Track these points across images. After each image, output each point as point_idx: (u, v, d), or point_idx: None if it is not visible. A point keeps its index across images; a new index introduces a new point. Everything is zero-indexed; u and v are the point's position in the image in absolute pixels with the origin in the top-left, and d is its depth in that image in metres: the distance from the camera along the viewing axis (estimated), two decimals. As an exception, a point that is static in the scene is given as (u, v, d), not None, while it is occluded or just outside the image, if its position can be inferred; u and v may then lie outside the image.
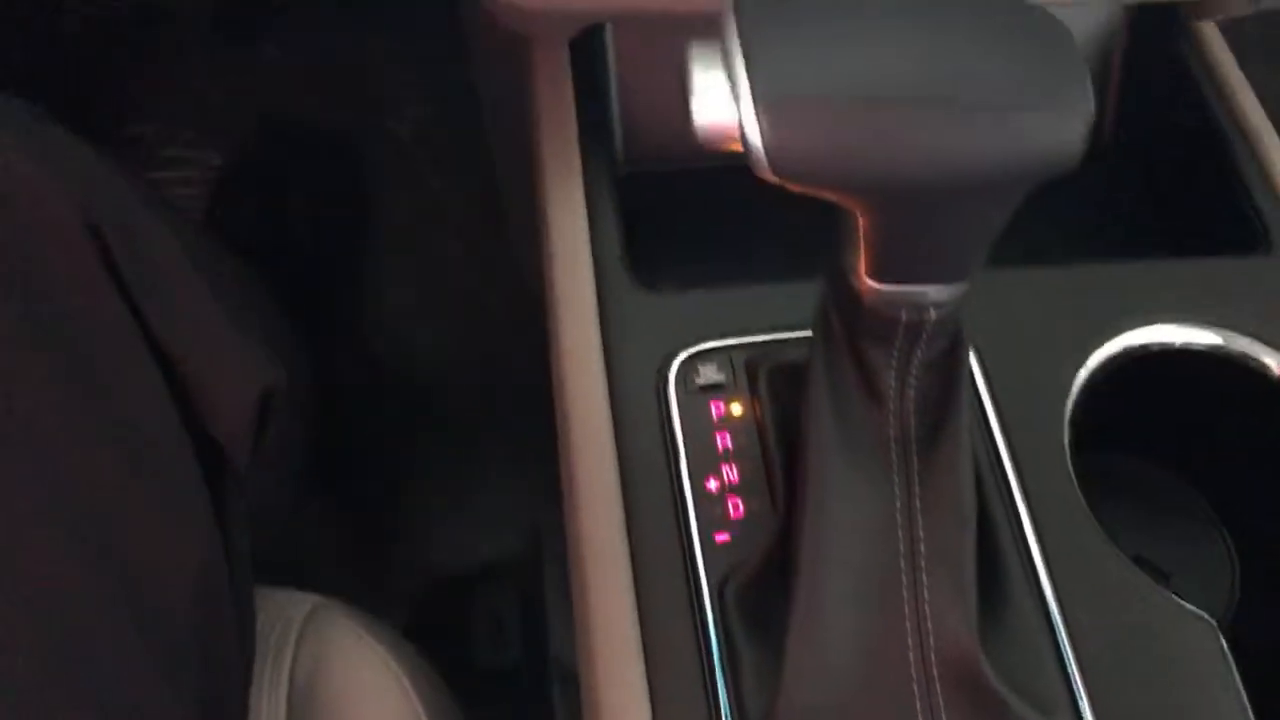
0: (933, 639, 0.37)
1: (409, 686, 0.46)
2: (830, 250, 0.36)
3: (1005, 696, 0.37)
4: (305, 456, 0.67)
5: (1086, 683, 0.39)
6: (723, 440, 0.45)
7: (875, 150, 0.29)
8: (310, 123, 1.17)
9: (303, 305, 0.93)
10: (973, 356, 0.46)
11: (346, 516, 1.02)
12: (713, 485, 0.44)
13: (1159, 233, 0.56)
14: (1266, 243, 0.50)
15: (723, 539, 0.43)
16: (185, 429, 0.41)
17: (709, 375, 0.47)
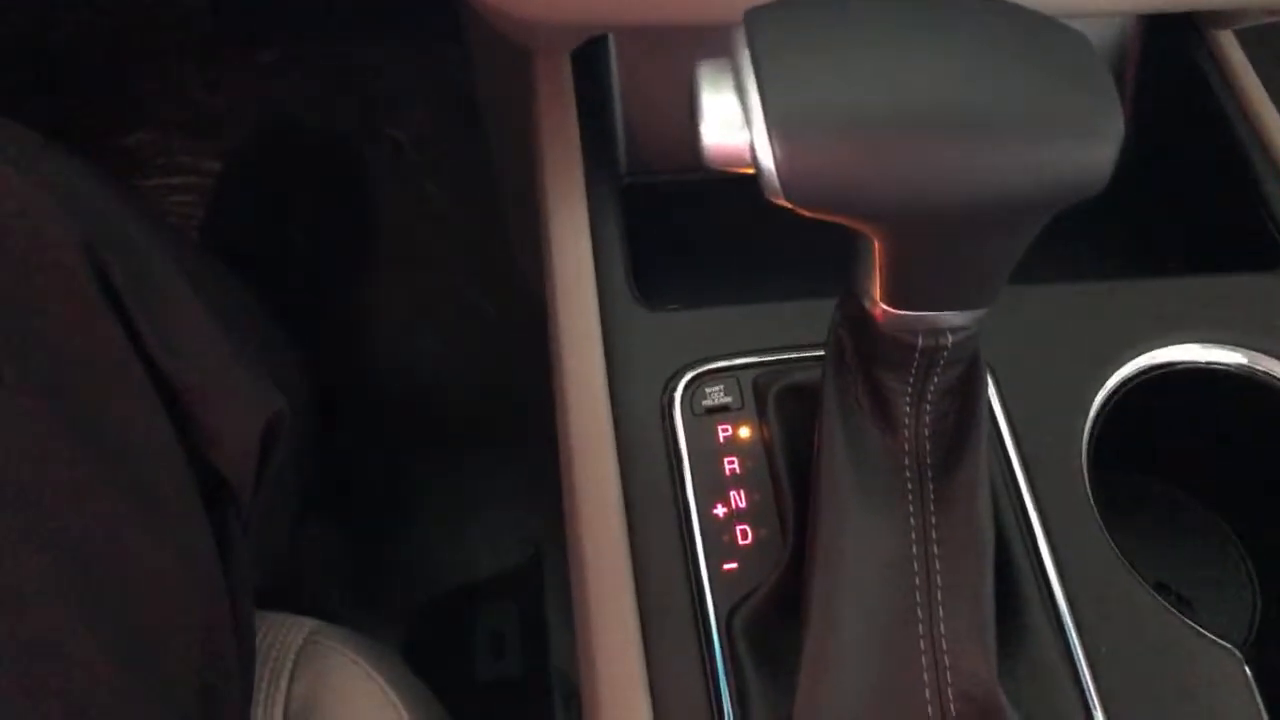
0: (950, 675, 0.36)
1: (405, 715, 0.45)
2: (844, 273, 0.35)
3: (1026, 735, 0.36)
4: (306, 482, 0.66)
5: (1108, 716, 0.38)
6: (730, 465, 0.44)
7: (893, 176, 0.28)
8: (309, 129, 1.16)
9: (300, 314, 0.92)
10: (988, 377, 0.44)
11: (346, 532, 1.00)
12: (720, 512, 0.43)
13: (1177, 248, 0.55)
14: (1287, 260, 0.49)
15: (730, 568, 0.42)
16: (188, 459, 0.40)
17: (716, 397, 0.45)
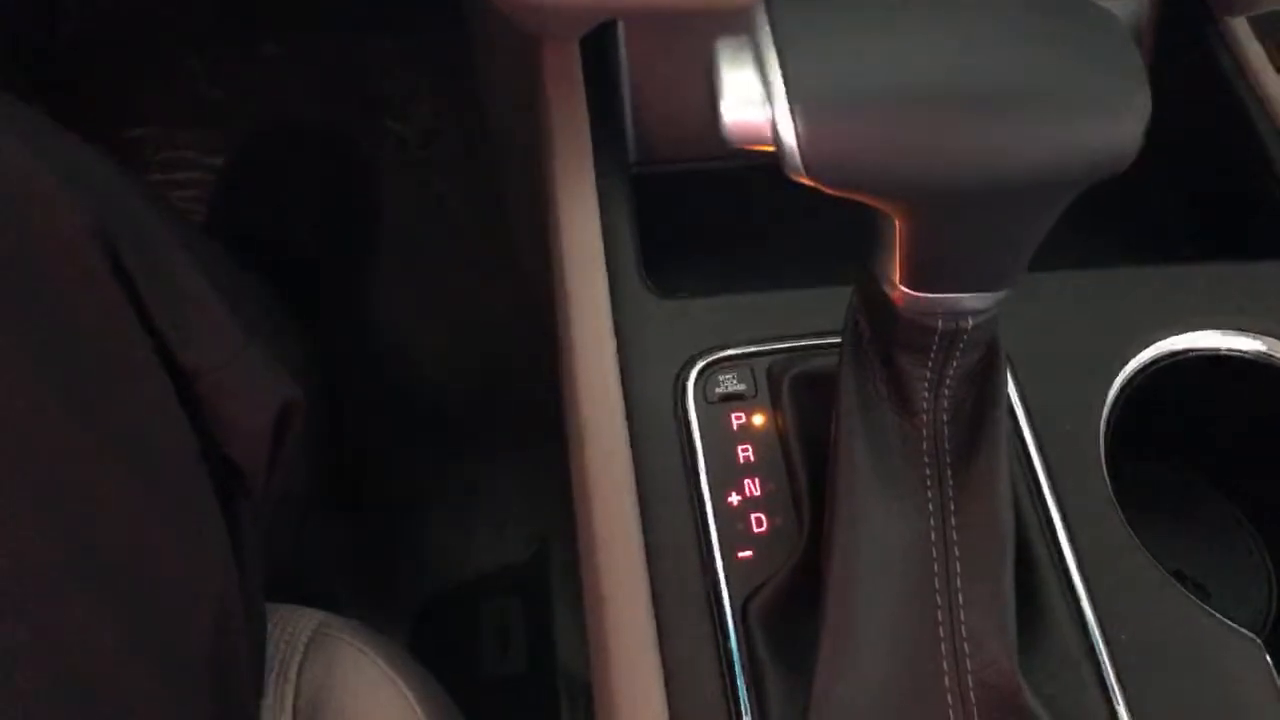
0: (970, 663, 0.35)
1: (415, 705, 0.44)
2: (861, 255, 0.35)
3: (1048, 722, 0.35)
4: (317, 473, 0.65)
5: (1129, 706, 0.38)
6: (744, 453, 0.43)
7: (916, 151, 0.27)
8: (312, 123, 1.15)
9: (304, 308, 0.92)
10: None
11: (351, 528, 1.00)
12: (734, 500, 0.42)
13: (1190, 235, 0.54)
14: (1306, 245, 0.49)
15: (745, 555, 0.41)
16: (200, 448, 0.40)
17: (729, 384, 0.45)
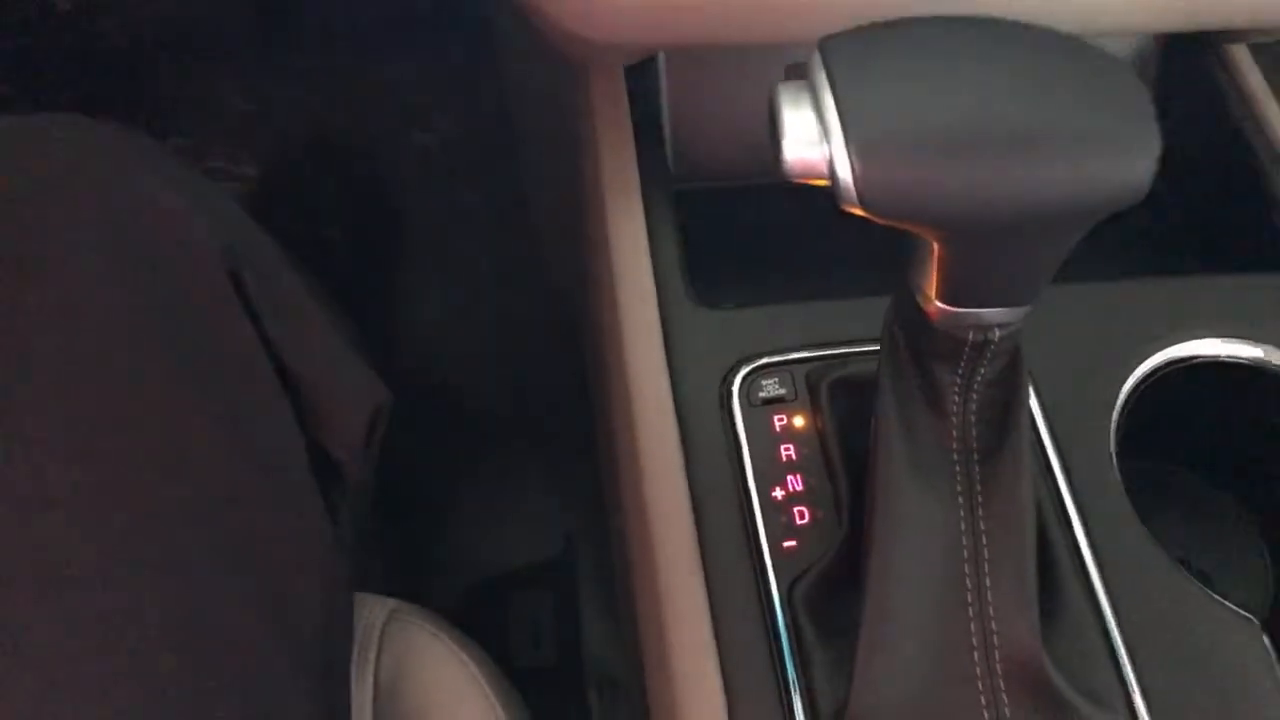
0: (997, 639, 0.39)
1: (487, 687, 0.48)
2: (897, 271, 0.39)
3: (1068, 694, 0.39)
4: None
5: (1139, 678, 0.42)
6: (786, 451, 0.47)
7: (959, 188, 0.31)
8: (339, 136, 1.19)
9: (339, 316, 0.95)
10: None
11: (384, 526, 1.04)
12: (778, 494, 0.46)
13: (1192, 251, 0.58)
14: (1300, 259, 0.53)
15: (789, 545, 0.45)
16: (305, 444, 0.44)
17: (771, 389, 0.49)
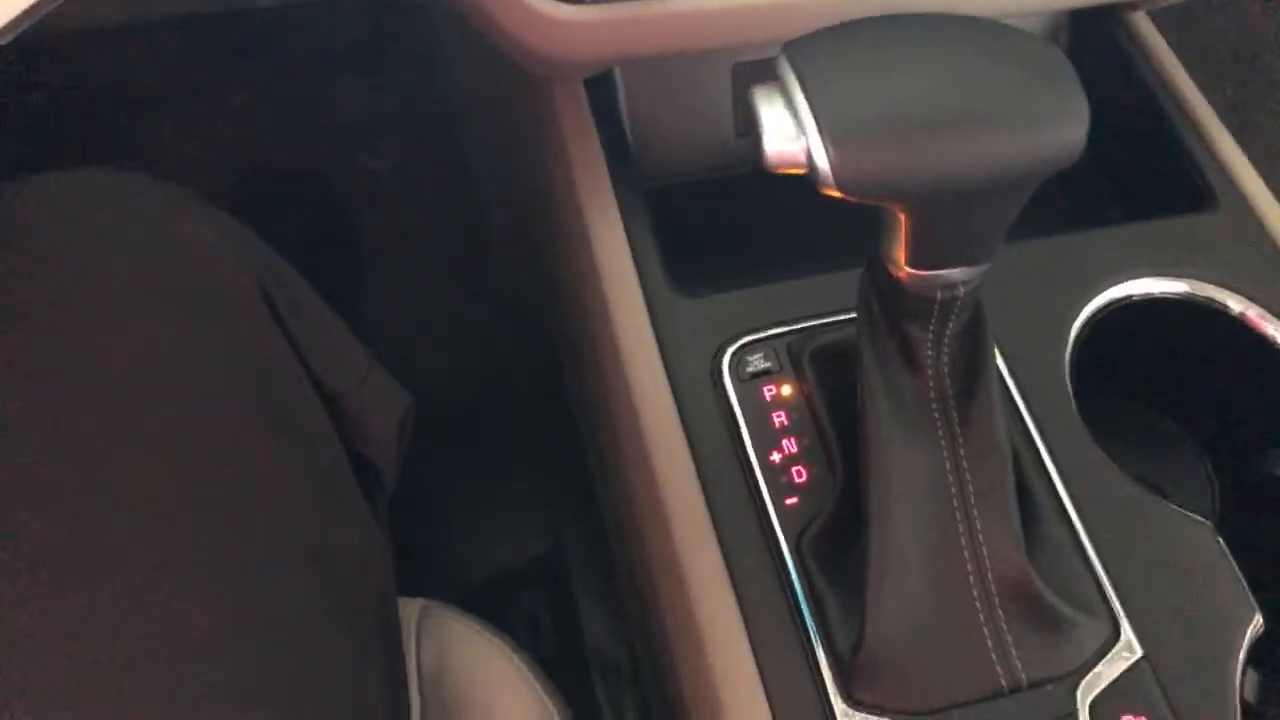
0: (989, 561, 0.44)
1: (528, 672, 0.51)
2: (869, 245, 0.43)
3: (1054, 602, 0.44)
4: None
5: (1115, 585, 0.47)
6: (778, 418, 0.52)
7: (922, 165, 0.36)
8: (288, 169, 1.20)
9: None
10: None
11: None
12: (776, 458, 0.50)
13: (1118, 203, 0.64)
14: (1214, 201, 0.59)
15: (791, 502, 0.49)
16: (346, 455, 0.47)
17: (757, 363, 0.53)
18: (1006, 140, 0.36)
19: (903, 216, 0.39)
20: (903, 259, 0.41)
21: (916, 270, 0.41)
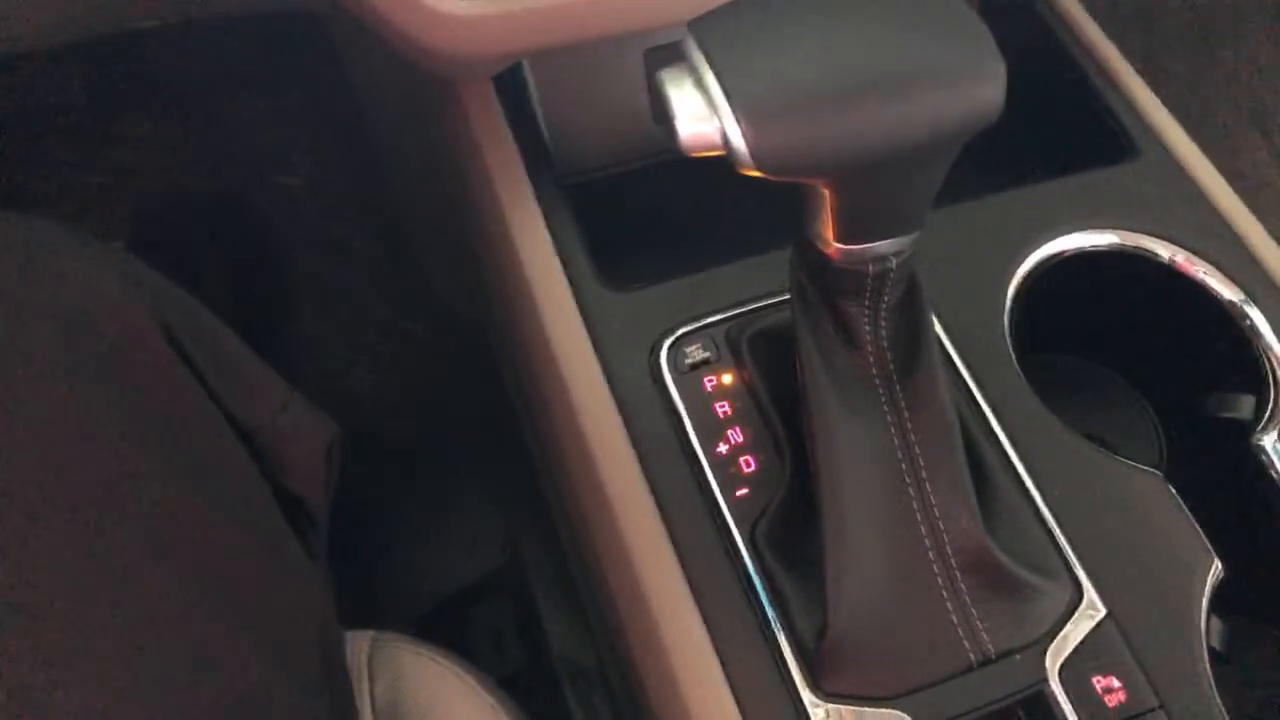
0: (946, 536, 0.43)
1: (485, 694, 0.50)
2: (796, 223, 0.42)
3: (1015, 571, 0.43)
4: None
5: (1072, 544, 0.46)
6: (721, 409, 0.50)
7: (841, 136, 0.34)
8: (201, 192, 1.16)
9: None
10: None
11: (329, 564, 1.03)
12: (723, 449, 0.49)
13: (1041, 161, 0.64)
14: (1134, 150, 0.59)
15: (742, 493, 0.48)
16: (270, 491, 0.44)
17: (695, 354, 0.52)
18: (925, 104, 0.35)
19: (827, 191, 0.38)
20: (831, 235, 0.40)
21: (846, 245, 0.40)
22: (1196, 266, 0.56)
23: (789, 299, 0.44)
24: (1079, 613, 0.45)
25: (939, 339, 0.51)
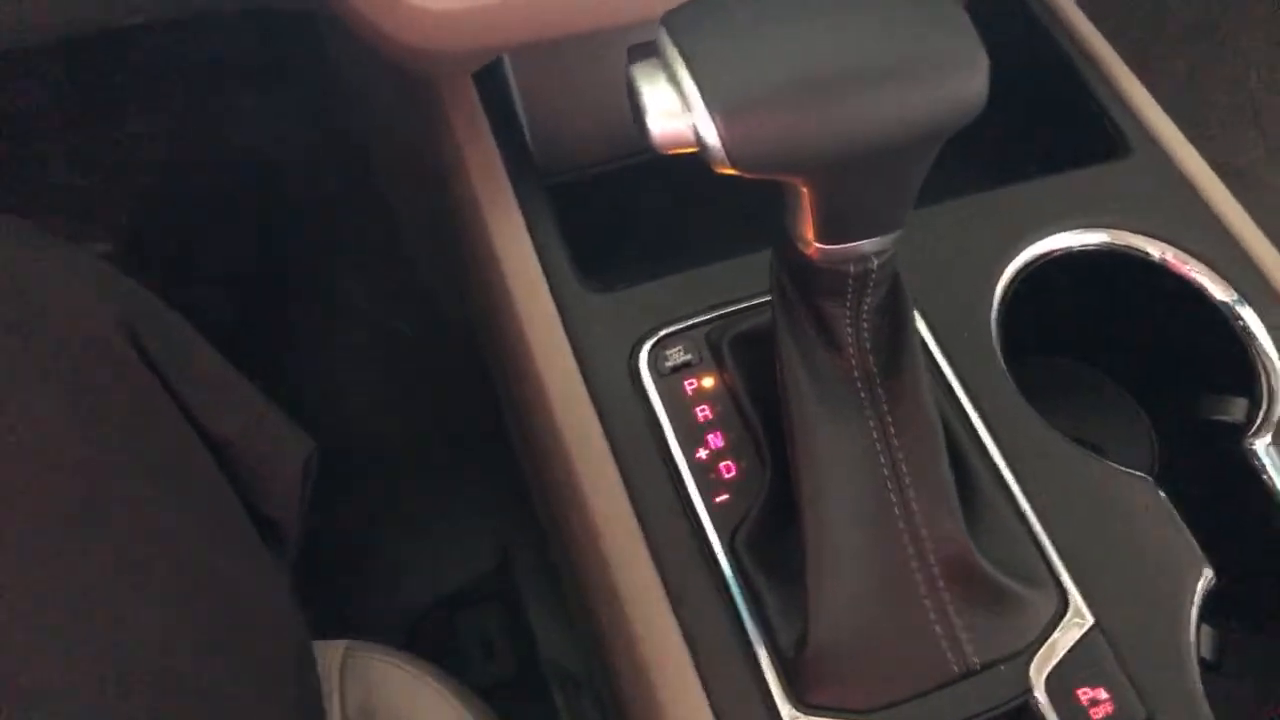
0: (929, 543, 0.42)
1: (457, 702, 0.48)
2: (774, 222, 0.41)
3: (1000, 579, 0.42)
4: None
5: (1060, 552, 0.45)
6: (701, 413, 0.49)
7: (818, 132, 0.33)
8: (191, 189, 1.15)
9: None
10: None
11: (313, 573, 1.02)
12: (702, 454, 0.48)
13: (1030, 159, 0.63)
14: (1125, 147, 0.57)
15: (722, 500, 0.47)
16: (242, 506, 0.43)
17: (676, 357, 0.50)
18: (905, 97, 0.33)
19: (805, 189, 0.37)
20: (810, 234, 0.38)
21: (826, 245, 0.38)
22: (1189, 266, 0.54)
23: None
24: (1065, 622, 0.44)
25: (923, 340, 0.50)
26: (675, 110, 0.34)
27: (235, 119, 1.18)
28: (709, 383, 0.50)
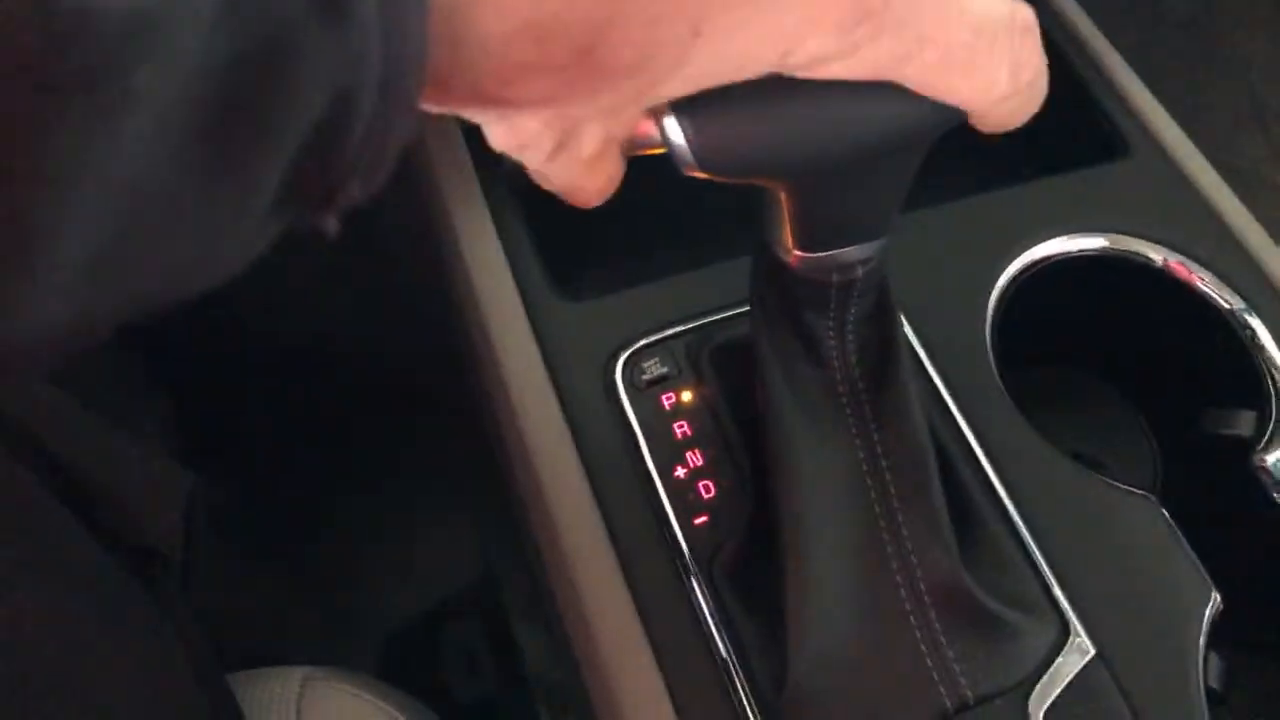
0: (919, 570, 0.39)
1: (422, 734, 0.46)
2: (753, 229, 0.38)
3: (995, 607, 0.40)
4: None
5: (1059, 578, 0.43)
6: (680, 429, 0.47)
7: (789, 133, 0.31)
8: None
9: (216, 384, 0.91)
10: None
11: (293, 584, 1.00)
12: (681, 473, 0.45)
13: (1026, 160, 0.60)
14: (1125, 147, 0.55)
15: (700, 522, 0.44)
16: (117, 551, 0.40)
17: (653, 370, 0.48)
18: (885, 98, 0.31)
19: (783, 194, 0.34)
20: (790, 242, 0.36)
21: (806, 253, 0.36)
22: (1193, 272, 0.52)
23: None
24: (1065, 652, 0.41)
25: (914, 352, 0.48)
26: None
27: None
28: (688, 397, 0.47)
